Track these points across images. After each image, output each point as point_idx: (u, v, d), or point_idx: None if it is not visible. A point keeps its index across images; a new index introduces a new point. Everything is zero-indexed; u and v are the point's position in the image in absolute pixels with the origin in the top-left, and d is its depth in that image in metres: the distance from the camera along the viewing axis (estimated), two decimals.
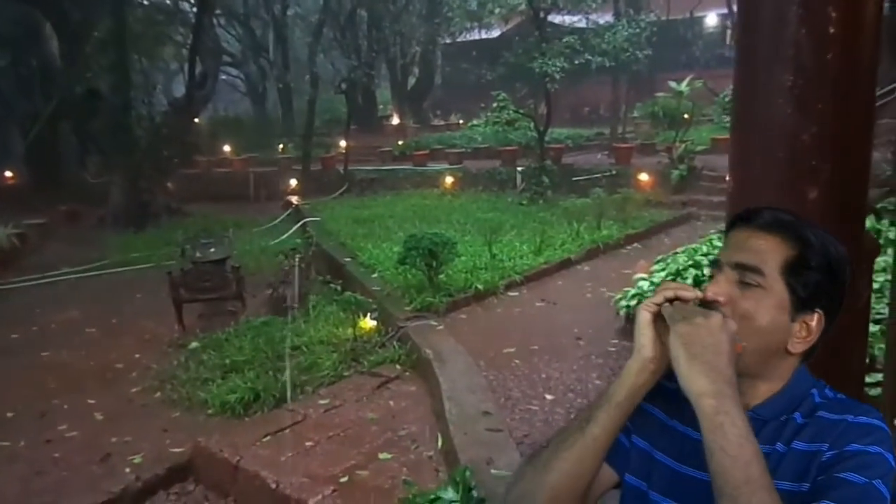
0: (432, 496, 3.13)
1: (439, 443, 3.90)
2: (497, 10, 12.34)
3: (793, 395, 1.10)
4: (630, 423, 1.14)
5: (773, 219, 1.12)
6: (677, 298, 1.07)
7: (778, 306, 1.07)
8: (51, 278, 9.68)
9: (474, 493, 3.17)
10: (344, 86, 16.85)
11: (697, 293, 1.08)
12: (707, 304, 1.06)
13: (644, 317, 1.07)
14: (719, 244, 6.89)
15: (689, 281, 5.84)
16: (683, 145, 13.28)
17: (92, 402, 5.35)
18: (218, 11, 17.96)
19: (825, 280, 1.08)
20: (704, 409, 0.97)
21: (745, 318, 1.06)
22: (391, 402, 4.84)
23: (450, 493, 3.13)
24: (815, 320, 1.08)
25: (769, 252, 1.08)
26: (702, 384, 0.97)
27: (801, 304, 1.08)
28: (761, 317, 1.07)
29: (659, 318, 1.05)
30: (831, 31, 1.10)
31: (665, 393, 1.10)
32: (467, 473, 3.29)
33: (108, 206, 14.09)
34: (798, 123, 1.12)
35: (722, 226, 7.63)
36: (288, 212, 13.99)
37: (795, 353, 1.09)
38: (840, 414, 1.06)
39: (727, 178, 1.31)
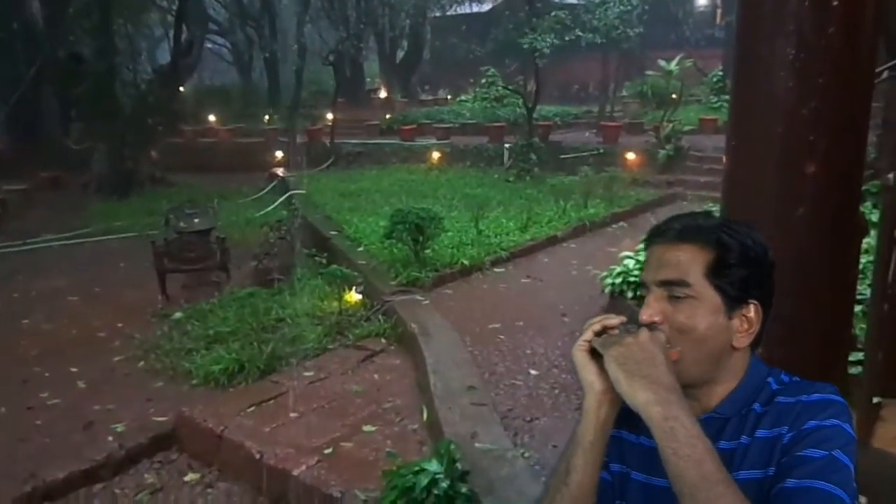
0: (416, 468, 3.14)
1: (424, 416, 3.92)
2: None
3: (750, 388, 1.13)
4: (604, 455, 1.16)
5: (684, 228, 1.14)
6: (605, 329, 1.09)
7: (712, 310, 1.09)
8: (32, 245, 9.58)
9: (458, 466, 3.20)
10: (332, 57, 16.63)
11: (622, 318, 1.10)
12: (648, 328, 1.08)
13: (581, 357, 1.10)
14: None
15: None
16: (671, 125, 13.28)
17: (74, 370, 5.32)
18: None
19: (750, 272, 1.10)
20: (653, 418, 0.99)
21: (684, 331, 1.09)
22: (376, 376, 4.86)
23: (434, 466, 3.15)
24: (752, 311, 1.11)
25: (689, 262, 1.10)
26: (645, 396, 1.00)
27: (734, 302, 1.10)
28: (699, 325, 1.09)
29: (596, 353, 1.07)
30: (834, 3, 1.09)
31: (626, 414, 1.10)
32: (451, 446, 3.31)
33: (91, 174, 13.90)
34: (798, 97, 1.11)
35: (708, 205, 7.67)
36: (273, 183, 13.88)
37: (741, 347, 1.11)
38: (795, 396, 1.08)
39: (723, 159, 1.30)
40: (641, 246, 6.20)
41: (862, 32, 1.11)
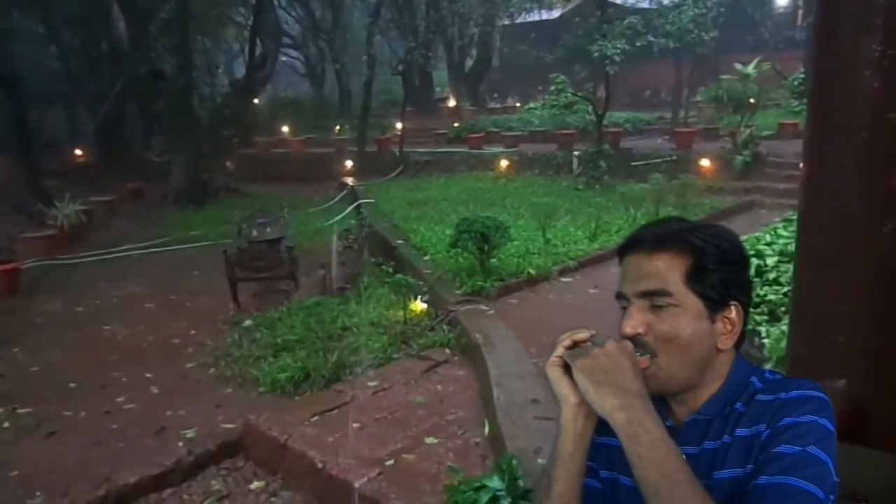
0: (478, 484, 3.07)
1: (486, 429, 3.84)
2: None
3: (733, 388, 1.13)
4: (592, 462, 1.19)
5: (657, 236, 1.15)
6: (575, 343, 1.13)
7: (695, 316, 1.10)
8: (114, 254, 9.99)
9: (520, 483, 3.11)
10: (401, 67, 16.80)
11: (591, 332, 1.14)
12: (632, 340, 1.11)
13: (554, 372, 1.13)
14: (784, 233, 6.61)
15: (750, 271, 5.61)
16: (748, 130, 12.81)
17: (149, 375, 5.49)
18: None
19: (729, 273, 1.11)
20: (618, 423, 1.02)
21: (669, 340, 1.10)
22: (439, 387, 4.81)
23: (495, 482, 3.07)
24: (733, 312, 1.12)
25: (667, 270, 1.11)
26: (611, 403, 1.03)
27: (715, 305, 1.11)
28: (683, 332, 1.09)
29: (569, 367, 1.10)
30: None
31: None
32: (514, 462, 3.23)
33: (170, 185, 14.46)
34: (886, 100, 1.00)
35: (787, 213, 7.31)
36: (343, 193, 14.10)
37: (726, 348, 1.13)
38: (774, 394, 1.08)
39: (801, 165, 1.19)
40: None
41: None
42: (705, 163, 12.49)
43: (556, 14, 24.85)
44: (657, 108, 21.39)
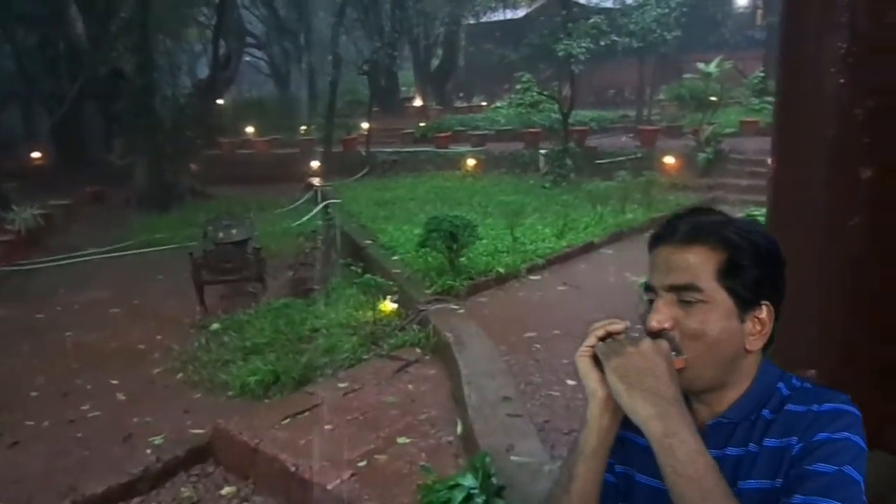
0: (451, 483, 3.08)
1: (458, 428, 3.85)
2: None
3: (760, 392, 1.09)
4: (610, 456, 1.14)
5: (691, 228, 1.09)
6: (608, 334, 1.07)
7: (725, 314, 1.06)
8: (75, 259, 9.78)
9: (494, 480, 3.12)
10: (366, 67, 16.73)
11: (626, 323, 1.08)
12: (655, 334, 1.06)
13: (584, 362, 1.08)
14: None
15: None
16: (711, 128, 13.02)
17: (115, 382, 5.39)
18: None
19: (762, 272, 1.07)
20: (653, 433, 0.98)
21: (696, 337, 1.05)
22: (410, 386, 4.80)
23: (469, 480, 3.08)
24: (764, 313, 1.07)
25: (698, 264, 1.06)
26: (646, 410, 0.98)
27: (746, 304, 1.06)
28: (711, 330, 1.05)
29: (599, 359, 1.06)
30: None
31: None
32: (487, 460, 3.24)
33: (132, 188, 14.20)
34: (851, 96, 1.02)
35: (750, 209, 7.45)
36: (309, 194, 13.99)
37: (754, 349, 1.08)
38: (806, 405, 1.05)
39: (769, 161, 1.21)
40: None
41: None
42: (669, 160, 12.65)
43: (521, 13, 24.97)
44: (621, 107, 21.61)
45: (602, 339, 1.08)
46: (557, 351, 5.13)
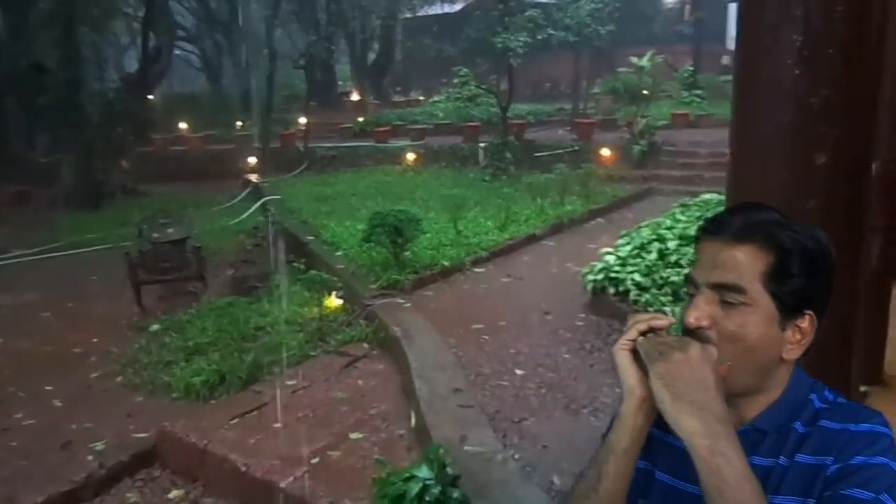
0: (407, 475, 3.09)
1: (412, 421, 3.87)
2: None
3: (792, 403, 1.06)
4: None
5: (744, 225, 1.04)
6: (651, 329, 1.03)
7: (766, 320, 1.01)
8: (1, 261, 9.35)
9: (449, 471, 3.15)
10: (303, 61, 16.49)
11: (671, 319, 1.04)
12: (691, 331, 1.02)
13: (623, 357, 1.03)
14: (682, 218, 6.94)
15: (653, 255, 5.89)
16: (644, 121, 13.37)
17: (49, 388, 5.18)
18: None
19: (810, 281, 1.03)
20: (699, 451, 0.93)
21: (733, 340, 1.01)
22: (360, 382, 4.80)
23: (424, 471, 3.10)
24: (806, 322, 1.03)
25: (746, 265, 1.02)
26: (692, 425, 0.93)
27: (789, 312, 1.02)
28: (750, 335, 1.01)
29: (639, 353, 1.02)
30: None
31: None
32: (441, 451, 3.27)
33: (59, 186, 13.63)
34: (807, 86, 1.09)
35: (684, 199, 7.66)
36: (247, 190, 13.74)
37: (792, 359, 1.05)
38: (842, 423, 1.02)
39: (728, 152, 1.27)
40: (620, 241, 6.23)
41: (870, 17, 1.08)
42: (605, 152, 12.93)
43: (457, 7, 25.03)
44: (557, 100, 21.94)
45: (643, 333, 1.03)
46: (505, 342, 5.22)
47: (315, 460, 3.72)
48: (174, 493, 3.83)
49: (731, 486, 0.90)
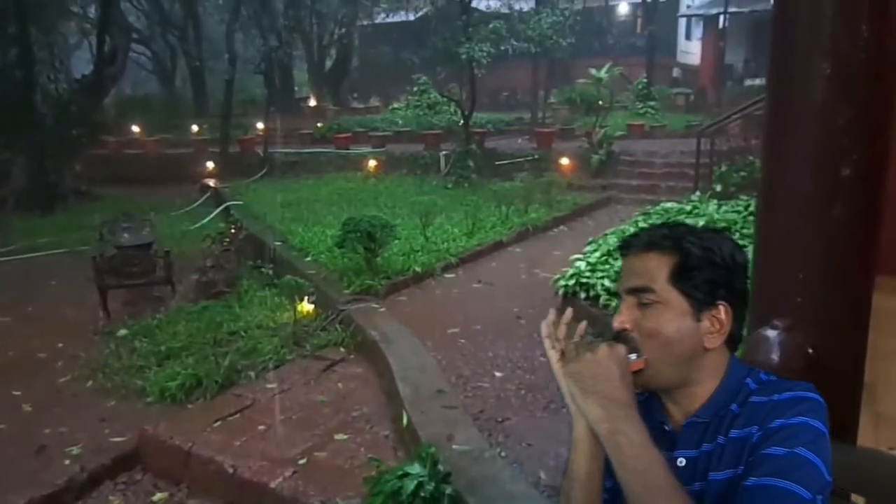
0: (400, 472, 3.16)
1: (404, 421, 3.93)
2: None
3: (729, 390, 1.15)
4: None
5: (649, 238, 1.19)
6: (547, 335, 1.18)
7: (679, 314, 1.13)
8: None
9: (440, 468, 3.23)
10: (263, 66, 16.37)
11: (569, 311, 1.21)
12: (619, 335, 1.15)
13: (567, 385, 1.14)
14: (644, 225, 7.18)
15: (620, 262, 6.07)
16: (603, 130, 13.68)
17: (17, 393, 5.07)
18: None
19: (715, 275, 1.14)
20: (602, 434, 1.06)
21: (652, 336, 1.13)
22: (340, 385, 4.84)
23: (416, 468, 3.18)
24: (722, 313, 1.14)
25: (653, 269, 1.15)
26: (596, 413, 1.07)
27: (701, 304, 1.14)
28: (666, 329, 1.13)
29: None
30: (863, 26, 1.22)
31: None
32: (432, 449, 3.35)
33: (8, 188, 13.22)
34: (834, 109, 1.24)
35: (645, 207, 7.91)
36: (206, 195, 13.56)
37: (714, 347, 1.14)
38: (768, 395, 1.10)
39: (759, 162, 1.42)
40: (588, 248, 6.40)
41: (891, 44, 1.25)
42: (565, 161, 13.17)
43: (413, 16, 25.18)
44: (514, 109, 22.26)
45: (550, 336, 1.18)
46: (482, 345, 5.32)
47: (302, 461, 3.75)
48: (158, 496, 3.81)
49: (629, 457, 1.02)
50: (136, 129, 18.91)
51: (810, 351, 1.28)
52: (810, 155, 1.27)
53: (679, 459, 1.15)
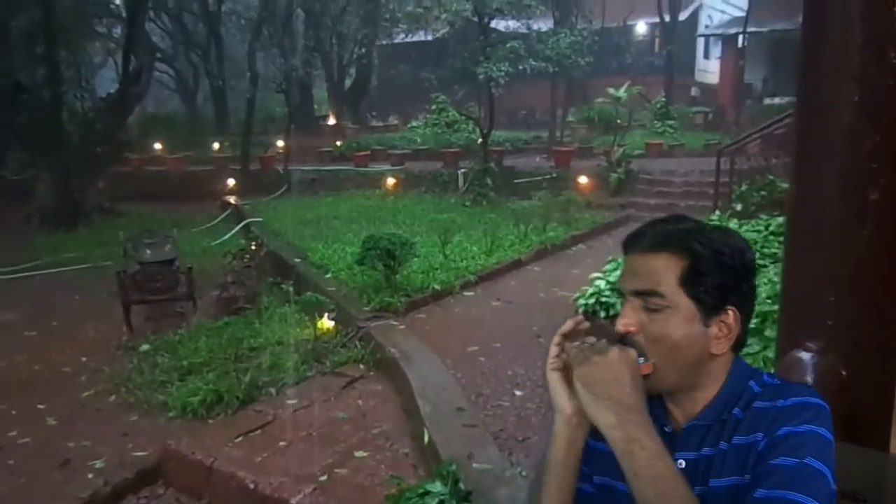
0: (421, 490, 3.17)
1: (425, 439, 3.94)
2: (443, 16, 12.40)
3: (731, 393, 1.12)
4: (585, 467, 1.16)
5: (657, 236, 1.14)
6: (564, 337, 1.13)
7: (688, 319, 1.09)
8: None
9: (462, 486, 3.24)
10: (283, 85, 16.60)
11: (577, 319, 1.15)
12: (623, 338, 1.10)
13: (553, 378, 1.13)
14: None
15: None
16: (621, 149, 13.69)
17: (42, 406, 5.15)
18: (149, 4, 17.36)
19: (726, 279, 1.10)
20: (615, 441, 1.02)
21: (658, 341, 1.09)
22: (360, 402, 4.85)
23: (438, 487, 3.19)
24: (730, 318, 1.10)
25: (661, 271, 1.10)
26: (608, 419, 1.02)
27: (710, 309, 1.10)
28: (673, 334, 1.08)
29: (569, 375, 1.10)
30: (891, 55, 1.24)
31: None
32: (453, 467, 3.36)
33: (34, 205, 13.46)
34: (862, 133, 1.26)
35: None
36: (227, 212, 13.71)
37: (720, 353, 1.11)
38: (772, 401, 1.08)
39: (780, 181, 1.45)
40: (608, 267, 6.41)
41: None
42: (583, 180, 13.20)
43: (431, 36, 25.43)
44: (532, 128, 22.33)
45: (561, 346, 1.12)
46: (501, 363, 5.32)
47: (323, 478, 3.76)
48: None
49: (643, 466, 0.99)
50: (158, 146, 19.22)
51: (843, 373, 1.28)
52: (839, 178, 1.28)
53: (679, 461, 1.11)
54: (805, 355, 1.30)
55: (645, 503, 0.98)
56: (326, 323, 6.22)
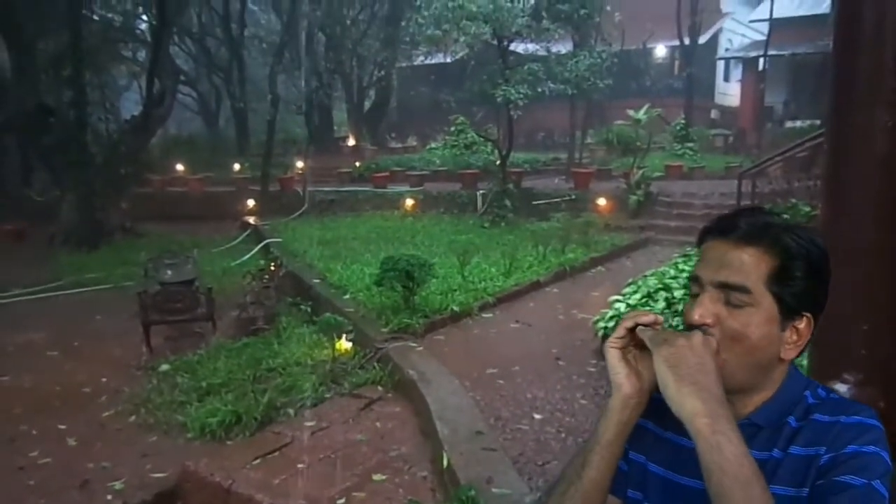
0: None
1: (444, 462, 3.90)
2: (462, 39, 12.49)
3: (786, 399, 1.09)
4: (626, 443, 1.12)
5: (750, 228, 1.08)
6: (637, 326, 1.06)
7: (767, 320, 1.05)
8: (2, 300, 9.31)
9: None
10: (304, 107, 16.79)
11: (657, 317, 1.08)
12: (693, 328, 1.05)
13: (613, 354, 1.07)
14: (685, 267, 7.09)
15: (661, 304, 6.00)
16: (641, 171, 13.64)
17: (62, 427, 5.17)
18: (174, 28, 17.70)
19: (811, 284, 1.06)
20: (700, 430, 0.95)
21: (736, 339, 1.05)
22: (378, 424, 4.82)
23: None
24: (804, 324, 1.07)
25: (752, 266, 1.05)
26: (694, 405, 0.96)
27: (789, 313, 1.06)
28: (752, 334, 1.04)
29: (628, 351, 1.06)
30: None
31: (656, 405, 1.07)
32: (472, 492, 3.32)
33: (57, 225, 13.64)
34: (893, 155, 1.24)
35: (685, 249, 7.81)
36: (246, 232, 13.82)
37: (789, 358, 1.08)
38: (834, 415, 1.04)
39: (819, 212, 1.43)
40: (627, 289, 6.34)
41: None
42: (602, 202, 13.16)
43: (450, 58, 25.63)
44: (550, 150, 22.37)
45: (631, 329, 1.06)
46: (520, 386, 5.27)
47: (341, 501, 3.73)
48: None
49: (732, 463, 0.93)
50: (180, 167, 19.46)
51: (882, 405, 1.25)
52: (872, 205, 1.26)
53: None
54: (842, 387, 1.27)
55: (724, 500, 0.93)
56: (345, 344, 6.21)
